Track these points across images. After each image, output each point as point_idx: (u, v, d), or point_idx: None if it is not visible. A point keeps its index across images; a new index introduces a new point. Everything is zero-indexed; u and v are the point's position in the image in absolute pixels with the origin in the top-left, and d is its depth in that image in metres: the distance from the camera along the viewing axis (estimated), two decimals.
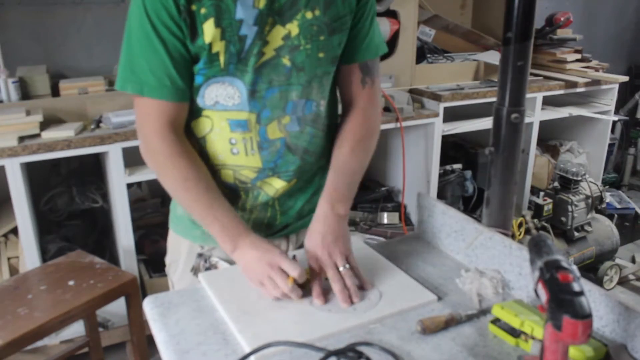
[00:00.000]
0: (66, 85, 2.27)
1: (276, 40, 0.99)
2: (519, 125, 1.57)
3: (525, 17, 1.50)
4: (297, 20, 0.99)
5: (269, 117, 1.04)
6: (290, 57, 1.01)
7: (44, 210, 2.40)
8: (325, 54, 1.04)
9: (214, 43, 0.96)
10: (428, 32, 2.91)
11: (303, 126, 1.08)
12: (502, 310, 0.89)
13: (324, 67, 1.05)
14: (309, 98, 1.07)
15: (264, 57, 1.00)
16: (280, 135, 1.07)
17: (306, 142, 1.10)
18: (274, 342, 0.83)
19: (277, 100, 1.04)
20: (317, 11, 0.99)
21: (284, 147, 1.08)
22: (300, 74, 1.03)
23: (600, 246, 2.93)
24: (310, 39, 1.01)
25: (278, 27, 0.98)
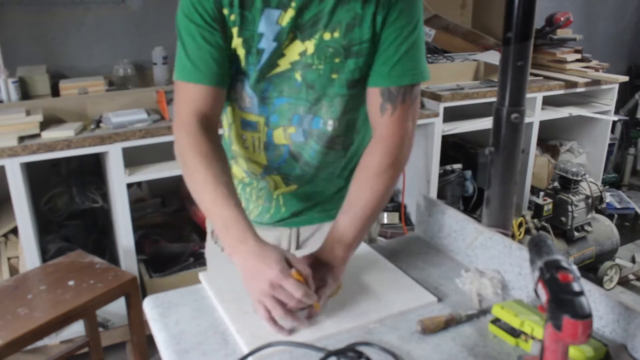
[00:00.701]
0: (66, 85, 2.27)
1: (293, 54, 1.01)
2: (519, 125, 1.57)
3: (525, 17, 1.50)
4: (314, 39, 0.99)
5: (276, 123, 1.08)
6: (302, 73, 1.02)
7: (44, 210, 2.40)
8: (338, 75, 1.03)
9: (237, 48, 1.01)
10: (428, 32, 2.91)
11: (307, 139, 1.09)
12: (502, 310, 0.89)
13: (336, 89, 1.04)
14: (317, 114, 1.07)
15: (278, 69, 1.02)
16: (284, 142, 1.10)
17: (307, 155, 1.11)
18: (273, 342, 0.83)
19: (285, 110, 1.06)
20: (337, 33, 0.99)
21: (287, 153, 1.11)
22: (310, 91, 1.04)
23: (600, 246, 2.93)
24: (324, 60, 1.01)
25: (297, 42, 1.00)
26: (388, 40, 1.01)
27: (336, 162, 1.15)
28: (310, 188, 1.17)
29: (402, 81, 1.04)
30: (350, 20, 0.98)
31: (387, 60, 1.02)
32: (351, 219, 1.02)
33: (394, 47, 1.01)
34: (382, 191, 1.04)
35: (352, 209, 1.03)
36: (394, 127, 1.05)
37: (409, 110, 1.06)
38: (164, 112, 2.14)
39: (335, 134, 1.10)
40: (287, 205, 1.19)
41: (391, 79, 1.03)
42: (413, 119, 1.08)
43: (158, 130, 2.05)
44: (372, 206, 1.03)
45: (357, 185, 1.05)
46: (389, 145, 1.05)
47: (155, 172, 2.12)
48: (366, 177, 1.04)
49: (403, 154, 1.06)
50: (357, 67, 1.02)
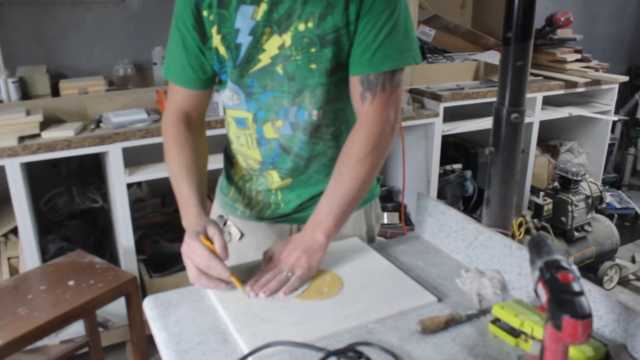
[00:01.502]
0: (66, 85, 2.27)
1: (272, 48, 1.04)
2: (519, 125, 1.57)
3: (525, 17, 1.50)
4: (290, 31, 1.02)
5: (263, 118, 1.12)
6: (283, 65, 1.05)
7: (44, 210, 2.40)
8: (317, 65, 1.05)
9: (219, 47, 1.06)
10: (428, 32, 2.92)
11: (295, 131, 1.12)
12: (502, 310, 0.89)
13: (316, 79, 1.06)
14: (301, 106, 1.09)
15: (260, 64, 1.06)
16: (275, 136, 1.13)
17: (297, 147, 1.14)
18: (273, 342, 0.83)
19: (271, 104, 1.10)
20: (310, 23, 1.01)
21: (279, 147, 1.15)
22: (291, 83, 1.07)
23: (600, 246, 2.93)
24: (301, 51, 1.03)
25: (275, 36, 1.03)
26: (366, 28, 1.02)
27: (327, 152, 1.16)
28: (304, 181, 1.19)
29: (381, 68, 1.05)
30: (323, 9, 1.00)
31: (366, 48, 1.03)
32: (332, 204, 1.05)
33: (372, 34, 1.02)
34: (362, 178, 1.06)
35: (333, 195, 1.06)
36: (374, 114, 1.06)
37: (390, 97, 1.07)
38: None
39: (322, 124, 1.12)
40: (285, 200, 1.22)
41: (370, 66, 1.04)
42: (396, 106, 1.09)
43: (158, 130, 2.05)
44: (352, 192, 1.06)
45: (338, 171, 1.08)
46: (369, 133, 1.06)
47: (155, 172, 2.12)
48: (347, 163, 1.07)
49: (383, 141, 1.08)
50: (334, 55, 1.04)
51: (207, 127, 2.12)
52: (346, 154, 1.08)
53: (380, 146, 1.08)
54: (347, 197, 1.06)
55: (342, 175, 1.07)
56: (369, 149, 1.06)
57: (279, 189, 1.21)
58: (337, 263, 1.08)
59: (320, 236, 1.03)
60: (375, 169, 1.09)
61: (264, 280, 0.99)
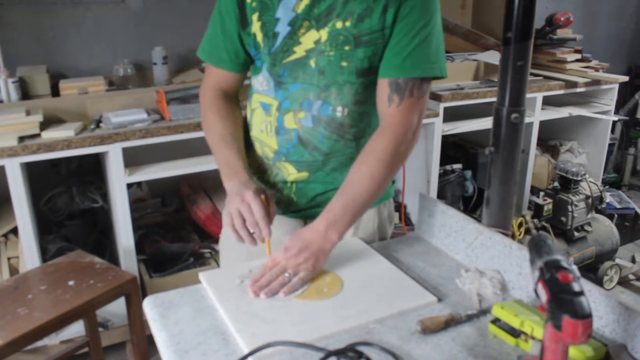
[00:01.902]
0: (66, 85, 2.27)
1: (308, 42, 1.08)
2: (519, 125, 1.57)
3: (525, 17, 1.50)
4: (328, 27, 1.06)
5: (287, 108, 1.14)
6: (316, 59, 1.09)
7: (44, 210, 2.40)
8: (348, 63, 1.08)
9: (257, 33, 1.11)
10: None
11: (317, 125, 1.13)
12: (502, 310, 0.89)
13: (345, 76, 1.09)
14: (326, 101, 1.11)
15: (294, 55, 1.10)
16: (294, 126, 1.15)
17: (317, 141, 1.15)
18: (273, 342, 0.83)
19: (297, 96, 1.12)
20: (348, 22, 1.05)
21: (297, 138, 1.15)
22: (320, 77, 1.10)
23: (600, 246, 2.93)
24: (335, 47, 1.07)
25: (313, 31, 1.07)
26: (400, 33, 1.05)
27: (346, 151, 1.17)
28: (321, 177, 1.19)
29: (411, 73, 1.07)
30: (362, 11, 1.04)
31: (398, 53, 1.06)
32: (348, 202, 1.05)
33: (406, 40, 1.05)
34: (381, 179, 1.07)
35: (351, 193, 1.06)
36: (399, 117, 1.08)
37: (416, 104, 1.09)
38: (164, 112, 2.14)
39: (345, 122, 1.13)
40: (300, 194, 1.22)
41: (400, 70, 1.06)
42: (420, 114, 1.11)
43: (158, 130, 2.05)
44: (370, 192, 1.06)
45: (357, 169, 1.08)
46: (393, 135, 1.08)
47: (155, 172, 2.11)
48: (368, 162, 1.07)
49: (406, 145, 1.09)
50: (366, 56, 1.07)
51: None
52: (368, 153, 1.08)
53: (402, 149, 1.09)
54: (365, 196, 1.06)
55: (362, 174, 1.07)
56: (392, 150, 1.07)
57: (295, 182, 1.21)
58: (337, 263, 1.08)
59: (335, 236, 1.03)
60: (394, 171, 1.10)
61: (264, 280, 0.99)
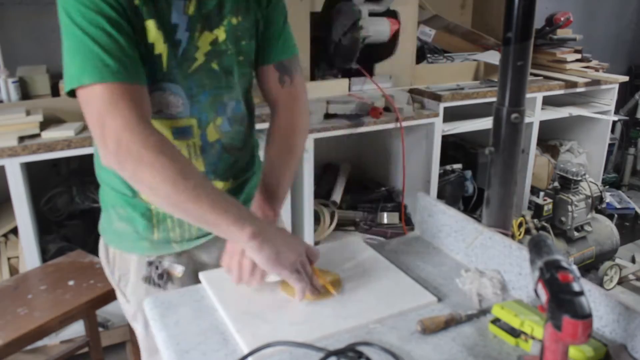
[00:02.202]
0: None
1: (205, 45, 1.01)
2: (519, 125, 1.57)
3: (525, 17, 1.50)
4: (223, 25, 1.03)
5: (206, 121, 1.06)
6: (218, 61, 1.04)
7: (44, 210, 2.40)
8: (244, 57, 1.09)
9: (156, 44, 0.94)
10: (428, 32, 2.91)
11: (233, 125, 1.11)
12: (502, 310, 0.89)
13: (243, 70, 1.11)
14: (237, 99, 1.11)
15: (196, 63, 1.01)
16: (217, 137, 1.08)
17: (238, 141, 1.14)
18: (273, 342, 0.83)
19: (211, 104, 1.05)
20: (240, 17, 1.05)
21: (221, 148, 1.10)
22: (230, 77, 1.07)
23: (600, 246, 2.93)
24: (235, 44, 1.06)
25: (206, 32, 1.01)
26: (274, 18, 1.10)
27: (248, 140, 1.18)
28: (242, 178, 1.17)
29: (291, 52, 1.15)
30: (245, 3, 1.05)
31: (277, 37, 1.12)
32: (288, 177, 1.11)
33: (280, 24, 1.12)
34: (299, 151, 1.15)
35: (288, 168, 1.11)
36: (297, 93, 1.16)
37: (302, 79, 1.18)
38: None
39: (245, 113, 1.15)
40: None
41: (283, 52, 1.13)
42: (304, 86, 1.19)
43: None
44: (298, 161, 1.14)
45: (276, 147, 1.12)
46: (295, 110, 1.15)
47: None
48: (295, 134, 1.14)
49: (305, 117, 1.19)
50: (254, 47, 1.11)
51: None
52: (273, 137, 1.13)
53: (304, 121, 1.18)
54: (296, 166, 1.14)
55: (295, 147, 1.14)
56: (294, 126, 1.15)
57: None
58: (337, 263, 1.08)
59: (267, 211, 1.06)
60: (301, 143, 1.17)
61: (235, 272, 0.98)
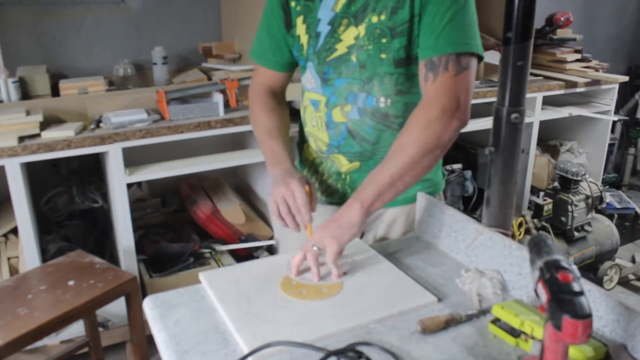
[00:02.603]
0: (66, 85, 2.27)
1: (349, 39, 1.16)
2: (519, 125, 1.57)
3: (525, 17, 1.50)
4: (365, 23, 1.13)
5: (334, 103, 1.21)
6: (356, 54, 1.16)
7: (44, 210, 2.40)
8: (387, 55, 1.14)
9: (301, 36, 1.21)
10: None
11: (363, 116, 1.20)
12: (502, 310, 0.89)
13: (385, 68, 1.15)
14: (370, 93, 1.18)
15: (336, 53, 1.17)
16: (343, 120, 1.21)
17: (364, 132, 1.21)
18: (273, 342, 0.83)
19: (343, 90, 1.19)
20: (383, 16, 1.12)
21: (346, 131, 1.22)
22: (362, 70, 1.17)
23: (600, 246, 2.93)
24: (373, 41, 1.13)
25: (352, 27, 1.15)
26: (430, 15, 1.09)
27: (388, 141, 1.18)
28: (371, 166, 1.16)
29: (444, 50, 1.06)
30: (395, 3, 1.10)
31: (430, 34, 1.09)
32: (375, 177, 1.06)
33: (436, 21, 1.08)
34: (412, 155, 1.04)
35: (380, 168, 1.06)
36: (435, 94, 1.06)
37: (453, 79, 1.06)
38: (164, 112, 2.14)
39: (389, 112, 1.19)
40: (353, 186, 1.26)
41: (434, 49, 1.08)
42: (459, 91, 1.07)
43: (158, 130, 2.05)
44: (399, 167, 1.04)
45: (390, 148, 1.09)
46: (426, 112, 1.06)
47: (155, 172, 2.11)
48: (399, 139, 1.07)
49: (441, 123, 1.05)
50: (402, 46, 1.13)
51: (207, 126, 2.13)
52: (403, 129, 1.09)
53: (436, 127, 1.04)
54: (393, 170, 1.04)
55: (392, 151, 1.07)
56: (423, 126, 1.04)
57: (348, 173, 1.28)
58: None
59: (356, 207, 1.03)
60: (428, 150, 1.05)
61: (297, 259, 1.03)
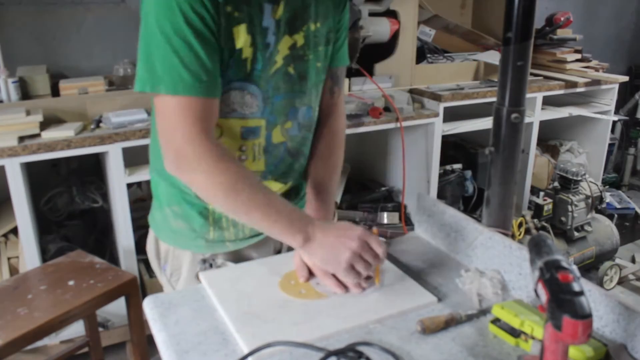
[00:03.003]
0: (66, 85, 2.27)
1: (284, 49, 1.02)
2: (519, 125, 1.57)
3: (525, 17, 1.50)
4: (303, 31, 1.03)
5: (274, 123, 1.07)
6: (294, 66, 1.04)
7: (44, 210, 2.40)
8: (321, 63, 1.09)
9: (244, 48, 0.95)
10: (428, 32, 2.91)
11: (302, 131, 1.12)
12: (502, 310, 0.89)
13: (320, 76, 1.11)
14: (309, 105, 1.11)
15: (275, 66, 1.02)
16: (282, 139, 1.09)
17: (303, 146, 1.15)
18: (273, 342, 0.83)
19: (282, 107, 1.06)
20: (318, 23, 1.05)
21: (285, 151, 1.11)
22: (303, 82, 1.07)
23: (600, 246, 2.93)
24: (313, 50, 1.06)
25: (286, 37, 1.01)
26: (343, 25, 1.12)
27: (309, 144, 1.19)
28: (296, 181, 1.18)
29: (345, 62, 1.16)
30: (325, 10, 1.06)
31: (339, 44, 1.13)
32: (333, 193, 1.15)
33: (344, 31, 1.13)
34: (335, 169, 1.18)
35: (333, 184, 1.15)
36: (342, 106, 1.20)
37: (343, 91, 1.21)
38: None
39: (315, 120, 1.16)
40: None
41: (341, 60, 1.15)
42: None
43: None
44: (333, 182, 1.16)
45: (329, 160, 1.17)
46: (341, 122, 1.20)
47: None
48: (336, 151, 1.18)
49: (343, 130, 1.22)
50: (330, 53, 1.11)
51: None
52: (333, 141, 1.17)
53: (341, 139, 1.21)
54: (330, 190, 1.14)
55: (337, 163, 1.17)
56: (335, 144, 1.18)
57: None
58: None
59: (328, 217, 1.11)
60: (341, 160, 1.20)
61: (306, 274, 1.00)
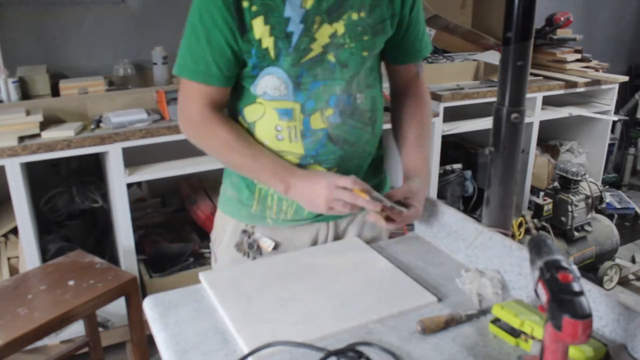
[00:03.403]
0: (66, 85, 2.27)
1: (323, 37, 1.07)
2: (519, 125, 1.57)
3: (525, 17, 1.50)
4: (343, 20, 1.07)
5: (312, 109, 1.11)
6: (335, 54, 1.09)
7: (44, 210, 2.40)
8: (368, 53, 1.12)
9: (263, 39, 1.04)
10: (428, 32, 2.91)
11: (344, 119, 1.14)
12: (502, 310, 0.89)
13: (366, 65, 1.14)
14: (350, 93, 1.14)
15: (311, 53, 1.07)
16: (322, 126, 1.13)
17: (347, 134, 1.15)
18: (273, 342, 0.83)
19: (321, 93, 1.11)
20: (363, 13, 1.08)
21: (325, 137, 1.13)
22: (344, 70, 1.11)
23: (600, 246, 2.93)
24: (355, 39, 1.09)
25: (325, 25, 1.06)
26: (415, 20, 1.16)
27: (365, 137, 1.19)
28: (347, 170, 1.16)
29: (426, 53, 1.26)
30: (372, 1, 1.08)
31: (417, 38, 1.20)
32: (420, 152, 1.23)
33: (420, 26, 1.19)
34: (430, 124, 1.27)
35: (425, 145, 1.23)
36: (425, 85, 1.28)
37: None
38: (164, 112, 2.14)
39: (363, 108, 1.17)
40: None
41: (424, 52, 1.25)
42: None
43: (158, 130, 2.05)
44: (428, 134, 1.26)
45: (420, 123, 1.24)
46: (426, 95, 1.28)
47: (155, 172, 2.12)
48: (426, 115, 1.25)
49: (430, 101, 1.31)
50: (380, 43, 1.14)
51: None
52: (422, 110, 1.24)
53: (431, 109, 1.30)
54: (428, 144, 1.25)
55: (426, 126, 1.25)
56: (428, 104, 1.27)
57: None
58: (337, 263, 1.08)
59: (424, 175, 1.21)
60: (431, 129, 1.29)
61: None
